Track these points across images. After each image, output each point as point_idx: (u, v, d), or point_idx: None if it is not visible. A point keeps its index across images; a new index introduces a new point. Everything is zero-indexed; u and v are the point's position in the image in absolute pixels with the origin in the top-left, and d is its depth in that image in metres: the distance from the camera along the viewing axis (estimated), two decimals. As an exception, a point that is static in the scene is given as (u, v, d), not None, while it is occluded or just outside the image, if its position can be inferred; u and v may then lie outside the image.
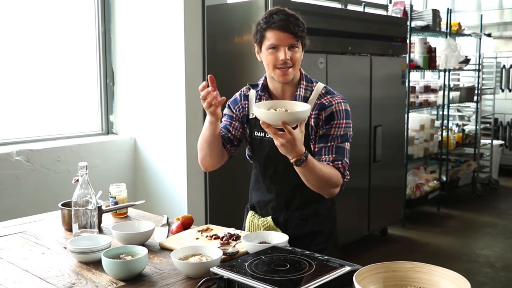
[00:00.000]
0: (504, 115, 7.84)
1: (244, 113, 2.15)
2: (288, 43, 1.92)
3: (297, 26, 1.93)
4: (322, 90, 2.04)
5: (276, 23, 1.91)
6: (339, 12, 4.63)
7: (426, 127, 5.72)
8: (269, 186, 2.12)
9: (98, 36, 3.84)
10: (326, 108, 1.99)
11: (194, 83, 3.57)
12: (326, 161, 1.95)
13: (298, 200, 2.08)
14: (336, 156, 1.96)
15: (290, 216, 2.09)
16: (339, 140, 1.98)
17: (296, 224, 2.09)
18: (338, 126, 1.98)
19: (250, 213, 2.21)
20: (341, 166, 1.95)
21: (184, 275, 1.66)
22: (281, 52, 1.92)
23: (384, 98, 4.69)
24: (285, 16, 1.92)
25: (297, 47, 1.95)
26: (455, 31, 6.08)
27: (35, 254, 1.88)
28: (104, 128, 3.90)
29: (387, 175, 4.85)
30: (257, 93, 2.11)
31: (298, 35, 1.93)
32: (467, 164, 6.70)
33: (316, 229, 2.09)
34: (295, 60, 1.95)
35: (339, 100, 2.01)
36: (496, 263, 4.48)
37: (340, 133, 1.98)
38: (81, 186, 1.95)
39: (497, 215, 5.93)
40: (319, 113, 1.99)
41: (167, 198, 3.68)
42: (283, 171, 2.05)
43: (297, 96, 2.01)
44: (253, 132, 2.11)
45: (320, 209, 2.10)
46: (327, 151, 1.96)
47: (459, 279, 1.42)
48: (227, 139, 2.14)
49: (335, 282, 1.52)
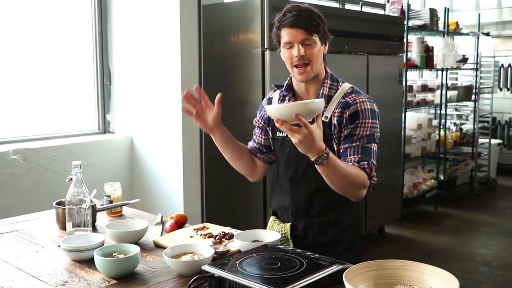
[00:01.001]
0: (502, 114, 7.85)
1: (266, 116, 2.11)
2: (300, 39, 1.86)
3: (309, 20, 1.87)
4: (348, 89, 1.97)
5: (287, 20, 1.87)
6: (335, 11, 4.63)
7: (423, 126, 5.72)
8: (288, 189, 2.05)
9: (95, 35, 3.85)
10: (350, 106, 1.91)
11: (191, 82, 3.57)
12: (351, 161, 1.86)
13: (318, 206, 2.00)
14: (362, 156, 1.87)
15: (310, 223, 2.01)
16: (365, 140, 1.89)
17: (316, 232, 2.00)
18: (363, 126, 1.90)
19: (271, 218, 2.15)
20: (367, 167, 1.86)
21: (176, 273, 1.67)
22: (295, 49, 1.87)
23: (381, 97, 4.68)
24: (297, 12, 1.87)
25: (312, 42, 1.88)
26: (453, 30, 6.09)
27: (28, 253, 1.89)
28: (101, 127, 3.91)
29: (384, 174, 4.84)
30: (281, 93, 2.07)
31: (310, 29, 1.86)
32: (465, 163, 6.70)
33: (338, 238, 1.99)
34: (311, 56, 1.88)
35: (364, 99, 1.93)
36: (493, 262, 4.49)
37: (366, 133, 1.89)
38: (74, 185, 1.96)
39: (495, 214, 5.94)
40: (342, 111, 1.91)
41: (163, 197, 3.69)
42: (303, 174, 1.99)
43: (320, 95, 1.95)
44: (275, 133, 2.06)
45: (343, 217, 2.00)
46: (352, 152, 1.88)
47: (448, 277, 1.43)
48: (255, 149, 2.18)
49: (325, 280, 1.53)
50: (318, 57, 1.91)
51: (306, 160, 1.80)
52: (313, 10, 1.91)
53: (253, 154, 2.19)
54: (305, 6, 1.92)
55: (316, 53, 1.89)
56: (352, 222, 2.04)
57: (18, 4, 3.50)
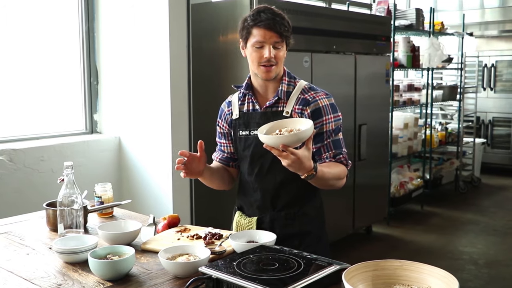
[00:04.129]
0: (486, 114, 7.94)
1: (229, 118, 2.16)
2: (272, 42, 1.95)
3: (282, 25, 1.97)
4: (305, 85, 2.08)
5: (263, 22, 1.95)
6: (323, 11, 4.64)
7: (410, 126, 5.76)
8: (254, 185, 2.11)
9: (82, 34, 3.80)
10: (310, 104, 2.02)
11: (179, 81, 3.55)
12: (328, 158, 2.01)
13: (283, 199, 2.07)
14: (336, 151, 2.03)
15: (276, 216, 2.08)
16: (333, 134, 2.03)
17: (282, 224, 2.07)
18: (328, 122, 2.02)
19: (237, 213, 2.21)
20: (343, 159, 2.03)
21: (172, 275, 1.65)
22: (266, 50, 1.95)
23: (369, 97, 4.72)
24: (272, 15, 1.95)
25: (281, 46, 1.99)
26: (438, 30, 6.14)
27: (19, 255, 1.86)
28: (88, 127, 3.87)
29: (371, 173, 4.88)
30: (241, 93, 2.13)
31: (283, 34, 1.97)
32: (450, 162, 6.76)
33: (304, 229, 2.08)
34: (278, 58, 1.98)
35: (322, 96, 2.05)
36: (479, 260, 4.53)
37: (332, 127, 2.03)
38: (66, 186, 1.92)
39: (480, 213, 6.00)
40: (303, 108, 2.02)
41: (152, 198, 3.66)
42: (268, 169, 2.06)
43: (280, 91, 2.04)
44: (238, 132, 2.13)
45: (308, 209, 2.09)
46: (326, 149, 2.02)
47: (447, 276, 1.43)
48: (226, 159, 2.22)
49: (324, 280, 1.52)
50: (283, 59, 2.03)
51: (271, 156, 1.89)
52: (285, 16, 2.01)
53: (224, 165, 2.22)
54: (278, 10, 2.01)
55: (282, 56, 2.01)
56: (317, 213, 2.13)
57: (3, 2, 3.44)
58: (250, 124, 2.09)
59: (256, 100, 2.09)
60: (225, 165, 2.22)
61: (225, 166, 2.22)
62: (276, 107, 2.06)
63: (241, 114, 2.12)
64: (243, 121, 2.11)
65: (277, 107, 2.06)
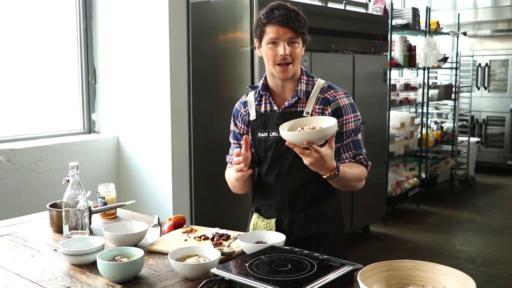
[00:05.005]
0: (480, 113, 7.97)
1: (247, 119, 2.10)
2: (287, 38, 1.90)
3: (297, 21, 1.91)
4: (324, 84, 2.03)
5: (276, 18, 1.90)
6: (322, 10, 4.63)
7: (406, 125, 5.77)
8: (273, 186, 2.05)
9: (80, 33, 3.76)
10: (331, 103, 1.97)
11: (179, 80, 3.52)
12: (347, 158, 1.97)
13: (302, 201, 2.03)
14: (355, 151, 1.99)
15: (295, 217, 2.03)
16: (353, 134, 1.99)
17: (301, 225, 2.02)
18: (348, 122, 1.98)
19: (254, 215, 2.14)
20: (363, 159, 2.00)
21: (182, 277, 1.63)
22: (281, 47, 1.90)
23: (367, 96, 4.71)
24: (285, 11, 1.91)
25: (297, 43, 1.93)
26: (434, 30, 6.15)
27: (24, 257, 1.83)
28: (86, 127, 3.83)
29: (369, 172, 4.86)
30: (257, 94, 2.06)
31: (298, 30, 1.91)
32: (445, 161, 6.78)
33: (323, 230, 2.03)
34: (294, 56, 1.92)
35: (342, 95, 2.00)
36: (477, 259, 4.54)
37: (352, 127, 1.99)
38: (71, 187, 1.90)
39: (476, 212, 6.02)
40: (324, 107, 1.97)
41: (151, 198, 3.63)
42: (287, 171, 2.01)
43: (299, 91, 1.99)
44: (256, 134, 2.06)
45: (326, 210, 2.05)
46: (345, 149, 1.98)
47: (463, 277, 1.42)
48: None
49: (337, 281, 1.51)
50: (299, 57, 1.96)
51: (291, 157, 1.92)
52: (300, 12, 1.96)
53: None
54: (292, 6, 1.96)
55: (298, 53, 1.94)
56: (335, 213, 2.10)
57: (3, 2, 3.39)
58: (268, 125, 2.03)
59: (274, 100, 2.03)
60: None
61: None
62: (295, 107, 2.00)
63: (258, 115, 2.05)
64: (261, 122, 2.04)
65: (296, 107, 2.00)
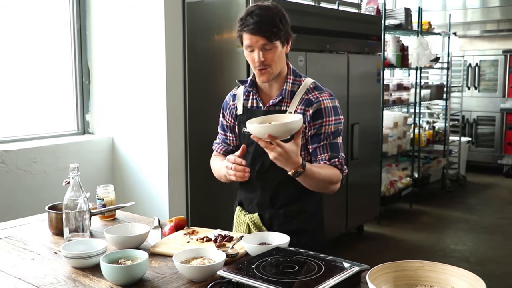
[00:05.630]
0: (471, 113, 8.02)
1: (234, 112, 2.16)
2: (260, 45, 1.90)
3: (271, 26, 1.89)
4: (310, 85, 2.04)
5: (248, 26, 1.89)
6: (317, 10, 4.62)
7: (399, 125, 5.78)
8: (254, 182, 2.09)
9: (73, 33, 3.72)
10: (313, 104, 1.98)
11: (175, 80, 3.50)
12: (323, 160, 1.97)
13: (282, 197, 2.06)
14: (332, 153, 1.98)
15: (275, 213, 2.07)
16: (331, 137, 1.99)
17: (281, 221, 2.06)
18: (328, 124, 1.99)
19: (237, 208, 2.20)
20: (338, 163, 1.98)
21: (187, 279, 1.61)
22: (255, 54, 1.92)
23: (361, 96, 4.72)
24: (258, 18, 1.88)
25: (272, 48, 1.91)
26: (426, 30, 6.18)
27: (24, 261, 1.80)
28: (80, 128, 3.79)
29: (363, 172, 4.88)
30: (245, 89, 2.11)
31: (271, 37, 1.89)
32: (437, 161, 6.81)
33: (302, 227, 2.06)
34: (271, 61, 1.93)
35: (326, 97, 2.01)
36: (471, 258, 4.56)
37: (331, 130, 1.99)
38: (72, 188, 1.87)
39: (468, 211, 6.05)
40: (305, 108, 1.99)
41: (147, 199, 3.59)
42: (269, 167, 2.04)
43: (284, 91, 2.01)
44: (241, 128, 2.12)
45: (307, 207, 2.08)
46: (322, 150, 1.99)
47: (472, 277, 1.42)
48: (231, 152, 2.18)
49: (344, 282, 1.49)
50: (278, 60, 1.95)
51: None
52: (275, 14, 1.92)
53: None
54: (267, 11, 1.91)
55: (276, 57, 1.94)
56: (315, 211, 2.11)
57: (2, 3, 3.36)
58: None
59: (260, 98, 2.07)
60: None
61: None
62: (279, 106, 2.03)
63: (244, 110, 2.11)
64: (247, 117, 2.06)
65: (281, 106, 2.03)
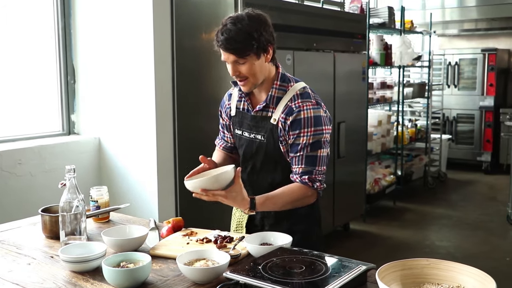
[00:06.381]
0: (451, 110, 8.13)
1: (229, 112, 2.17)
2: (232, 60, 1.89)
3: (239, 43, 1.84)
4: (298, 91, 1.98)
5: (220, 42, 1.87)
6: (304, 8, 4.61)
7: (383, 123, 5.81)
8: (247, 181, 2.09)
9: (58, 31, 3.63)
10: (294, 114, 1.93)
11: (164, 79, 3.45)
12: (296, 172, 1.94)
13: None
14: (306, 167, 1.93)
15: (266, 214, 2.06)
16: (309, 149, 1.93)
17: (272, 222, 2.07)
18: (306, 135, 1.93)
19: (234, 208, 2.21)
20: (309, 180, 1.93)
21: (190, 282, 1.58)
22: (229, 68, 1.92)
23: (347, 94, 4.73)
24: (227, 34, 1.84)
25: (244, 61, 1.88)
26: (408, 29, 6.23)
27: (20, 266, 1.74)
28: (65, 128, 3.71)
29: (349, 170, 4.90)
30: (239, 91, 2.10)
31: (240, 53, 1.85)
32: (419, 158, 6.88)
33: (292, 228, 2.01)
34: (246, 72, 1.90)
35: (309, 106, 1.93)
36: (456, 253, 4.61)
37: (309, 141, 1.92)
38: (68, 191, 1.82)
39: (450, 207, 6.12)
40: (286, 117, 1.95)
41: (136, 201, 3.53)
42: (259, 170, 2.08)
43: (269, 97, 1.98)
44: (234, 129, 2.14)
45: (298, 208, 2.02)
46: (297, 161, 1.95)
47: (480, 275, 1.42)
48: (229, 148, 2.24)
49: (351, 282, 1.48)
50: (256, 71, 1.91)
51: (262, 157, 2.01)
52: (247, 27, 1.84)
53: (228, 153, 2.25)
54: (236, 25, 1.84)
55: (252, 69, 1.90)
56: (307, 212, 2.08)
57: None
58: (243, 124, 2.09)
59: (250, 101, 2.06)
60: (228, 153, 2.24)
61: (229, 154, 2.25)
62: (266, 111, 2.01)
63: (237, 112, 2.11)
64: (238, 119, 2.11)
65: (267, 111, 2.01)
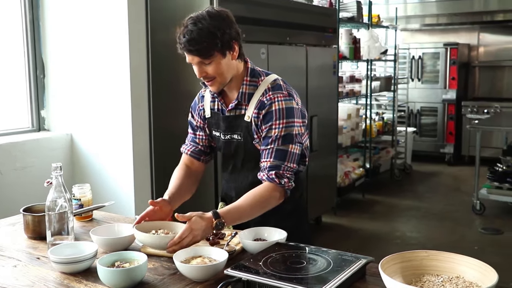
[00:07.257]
0: (415, 104, 8.28)
1: (203, 114, 2.10)
2: (196, 62, 1.84)
3: (201, 44, 1.78)
4: (269, 84, 1.94)
5: (182, 44, 1.82)
6: (277, 2, 4.58)
7: (352, 116, 5.87)
8: (229, 182, 2.10)
9: (26, 24, 3.50)
10: (265, 107, 1.90)
11: (139, 73, 3.37)
12: (264, 167, 1.89)
13: None
14: (274, 161, 1.87)
15: None
16: (280, 142, 1.88)
17: (257, 220, 1.99)
18: (277, 127, 1.88)
19: (220, 203, 2.15)
20: (276, 176, 1.86)
21: (188, 280, 1.54)
22: (195, 69, 1.87)
23: (319, 88, 4.75)
24: (188, 36, 1.78)
25: (209, 62, 1.83)
26: (375, 23, 6.30)
27: (6, 268, 1.67)
28: (35, 124, 3.58)
29: (322, 164, 4.92)
30: (210, 91, 2.03)
31: (203, 54, 1.80)
32: (386, 151, 6.98)
33: (279, 225, 1.97)
34: (213, 73, 1.86)
35: (280, 98, 1.90)
36: (427, 244, 4.70)
37: (281, 133, 1.88)
38: (54, 189, 1.76)
39: (417, 199, 6.25)
40: (258, 112, 1.91)
41: (112, 198, 3.41)
42: (241, 168, 2.05)
43: (240, 94, 1.94)
44: (212, 131, 2.09)
45: (283, 205, 1.98)
46: (266, 155, 1.89)
47: (480, 265, 1.43)
48: (198, 152, 2.14)
49: (352, 276, 1.48)
50: (222, 70, 1.87)
51: (242, 156, 1.98)
52: (208, 27, 1.79)
53: (195, 159, 2.13)
54: (197, 25, 1.79)
55: (218, 69, 1.86)
56: (293, 208, 2.07)
57: None
58: (219, 126, 2.04)
59: (223, 100, 2.02)
60: (195, 158, 2.13)
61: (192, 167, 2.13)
62: (239, 109, 1.97)
63: (212, 113, 2.06)
64: (214, 121, 2.06)
65: (241, 109, 1.97)
